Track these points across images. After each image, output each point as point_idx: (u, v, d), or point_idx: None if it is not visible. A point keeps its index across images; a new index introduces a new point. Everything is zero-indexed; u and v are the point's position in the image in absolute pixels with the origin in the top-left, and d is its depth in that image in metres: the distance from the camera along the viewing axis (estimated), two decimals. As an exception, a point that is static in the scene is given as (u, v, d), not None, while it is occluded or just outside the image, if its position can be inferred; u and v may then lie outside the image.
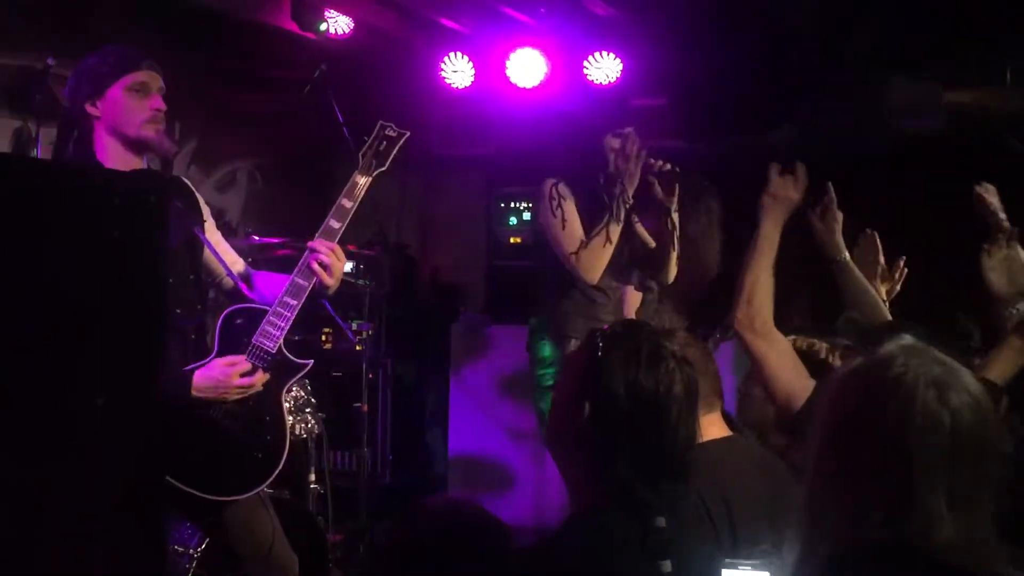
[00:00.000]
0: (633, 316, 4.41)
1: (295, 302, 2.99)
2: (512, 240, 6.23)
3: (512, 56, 5.86)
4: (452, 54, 6.04)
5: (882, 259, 3.47)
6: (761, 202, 2.92)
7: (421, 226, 6.97)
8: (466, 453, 5.99)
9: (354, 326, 5.00)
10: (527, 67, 5.87)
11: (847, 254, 3.15)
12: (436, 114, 6.64)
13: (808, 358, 3.19)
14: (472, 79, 6.08)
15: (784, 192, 2.92)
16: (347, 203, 3.11)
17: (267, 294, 3.12)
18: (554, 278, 3.89)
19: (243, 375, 2.93)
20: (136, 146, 2.92)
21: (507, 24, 5.79)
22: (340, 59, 5.53)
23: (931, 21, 4.99)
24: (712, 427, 2.43)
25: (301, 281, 3.00)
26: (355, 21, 5.66)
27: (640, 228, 3.90)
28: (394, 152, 3.25)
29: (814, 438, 1.51)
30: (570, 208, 3.82)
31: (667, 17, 5.57)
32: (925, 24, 4.99)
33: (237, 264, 3.22)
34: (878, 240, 3.47)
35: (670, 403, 1.83)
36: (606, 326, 2.04)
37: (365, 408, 4.94)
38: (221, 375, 2.90)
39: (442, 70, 6.07)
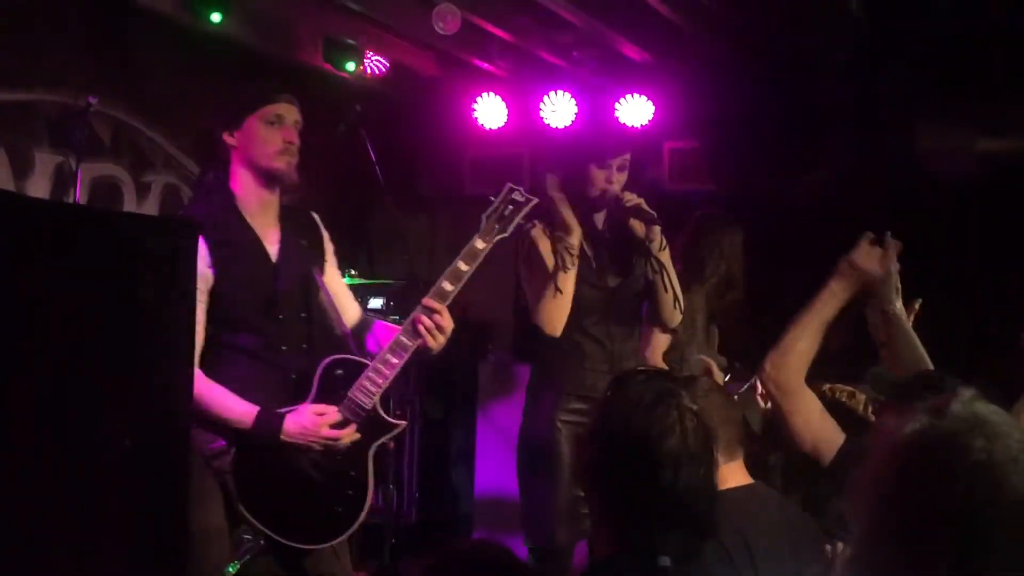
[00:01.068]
0: (658, 358, 4.37)
1: (397, 360, 2.92)
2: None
3: (545, 99, 5.92)
4: (485, 94, 6.11)
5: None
6: (839, 264, 2.79)
7: (450, 263, 7.00)
8: (493, 492, 5.97)
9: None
10: (559, 109, 5.92)
11: (900, 304, 2.98)
12: (468, 153, 6.70)
13: (840, 408, 3.16)
14: (505, 119, 6.14)
15: (867, 264, 2.79)
16: (463, 266, 3.00)
17: (382, 342, 3.04)
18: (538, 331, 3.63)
19: (332, 427, 2.87)
20: (266, 176, 2.93)
21: (540, 66, 5.84)
22: (375, 98, 5.61)
23: (964, 66, 4.99)
24: (734, 475, 2.41)
25: (405, 340, 2.92)
26: (390, 62, 5.74)
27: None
28: (518, 218, 3.09)
29: (866, 500, 1.45)
30: (538, 255, 3.58)
31: (699, 61, 5.60)
32: (958, 69, 4.99)
33: (351, 311, 3.17)
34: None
35: (665, 450, 1.83)
36: (636, 370, 2.06)
37: (391, 445, 4.94)
38: (310, 423, 2.85)
39: (475, 110, 6.14)
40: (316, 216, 3.18)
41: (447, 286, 2.97)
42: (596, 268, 3.63)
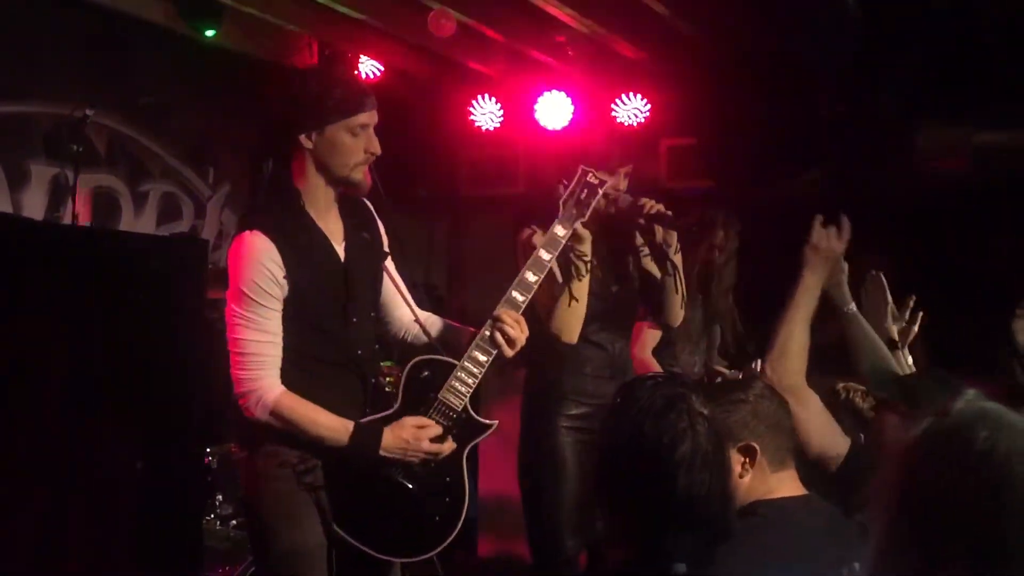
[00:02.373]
0: (648, 355, 4.38)
1: (485, 358, 2.81)
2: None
3: (540, 99, 5.92)
4: (480, 96, 6.11)
5: (890, 300, 3.39)
6: (803, 253, 2.85)
7: (449, 266, 7.00)
8: (496, 494, 5.97)
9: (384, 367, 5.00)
10: (554, 109, 5.92)
11: (854, 305, 3.04)
12: (464, 155, 6.69)
13: (850, 408, 3.16)
14: (500, 121, 6.14)
15: (826, 244, 2.85)
16: (545, 255, 2.90)
17: (447, 339, 2.98)
18: (541, 339, 3.50)
19: (433, 440, 2.77)
20: (340, 184, 2.78)
21: (535, 67, 5.84)
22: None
23: (961, 64, 4.98)
24: (785, 484, 2.37)
25: (486, 344, 2.81)
26: (385, 65, 5.73)
27: (649, 264, 3.70)
28: (595, 201, 2.98)
29: (880, 506, 1.46)
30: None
31: (695, 58, 5.59)
32: (955, 67, 4.99)
33: (401, 306, 3.04)
34: (884, 280, 3.36)
35: (677, 456, 1.83)
36: (646, 376, 2.05)
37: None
38: (412, 437, 2.73)
39: (471, 113, 6.13)
40: (369, 204, 2.97)
41: (530, 276, 2.87)
42: (600, 275, 3.61)
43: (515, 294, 2.86)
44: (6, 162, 4.45)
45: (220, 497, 3.72)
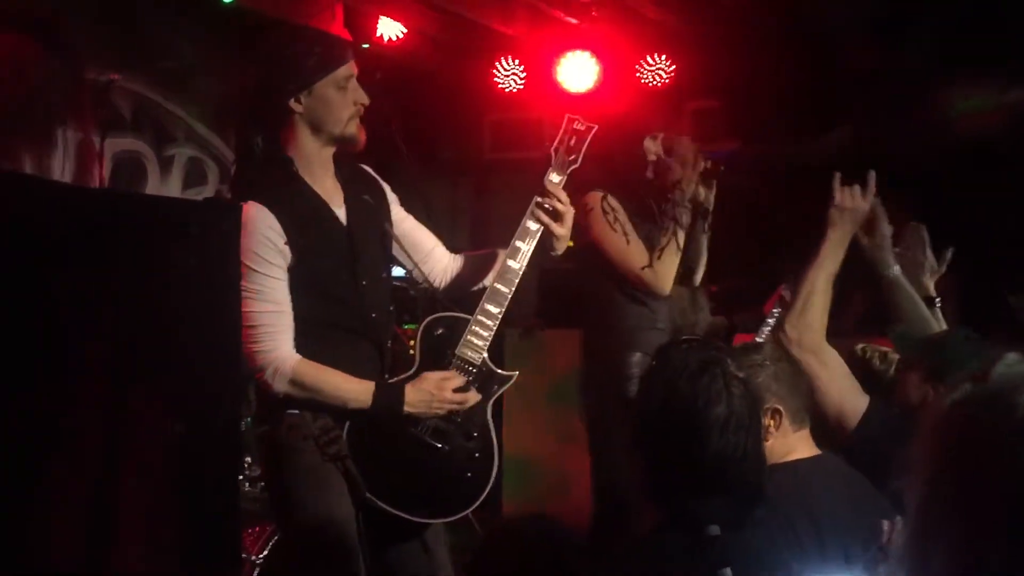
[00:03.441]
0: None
1: (497, 310, 2.81)
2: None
3: (563, 59, 5.87)
4: (503, 58, 6.07)
5: (930, 254, 3.38)
6: (828, 214, 2.83)
7: (473, 229, 6.99)
8: (521, 456, 6.00)
9: (409, 330, 5.02)
10: (578, 69, 5.87)
11: (897, 268, 3.04)
12: (488, 118, 6.67)
13: (868, 369, 3.14)
14: (523, 82, 6.10)
15: (851, 203, 2.83)
16: (555, 180, 2.90)
17: (475, 276, 3.01)
18: (613, 293, 3.75)
19: (456, 391, 2.76)
20: (339, 142, 2.75)
21: (558, 27, 5.79)
22: (392, 65, 5.58)
23: (992, 16, 4.90)
24: (800, 444, 2.39)
25: (501, 287, 2.81)
26: (407, 27, 5.70)
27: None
28: (584, 147, 2.97)
29: (918, 475, 1.40)
30: (626, 220, 3.70)
31: (719, 19, 5.53)
32: (985, 19, 4.90)
33: (436, 255, 3.03)
34: (925, 233, 3.35)
35: (711, 418, 1.83)
36: (681, 339, 2.06)
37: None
38: (435, 388, 2.72)
39: (494, 75, 6.10)
40: (367, 168, 2.98)
41: (532, 226, 2.87)
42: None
43: (518, 243, 2.85)
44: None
45: (248, 459, 3.76)
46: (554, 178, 2.92)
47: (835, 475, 2.40)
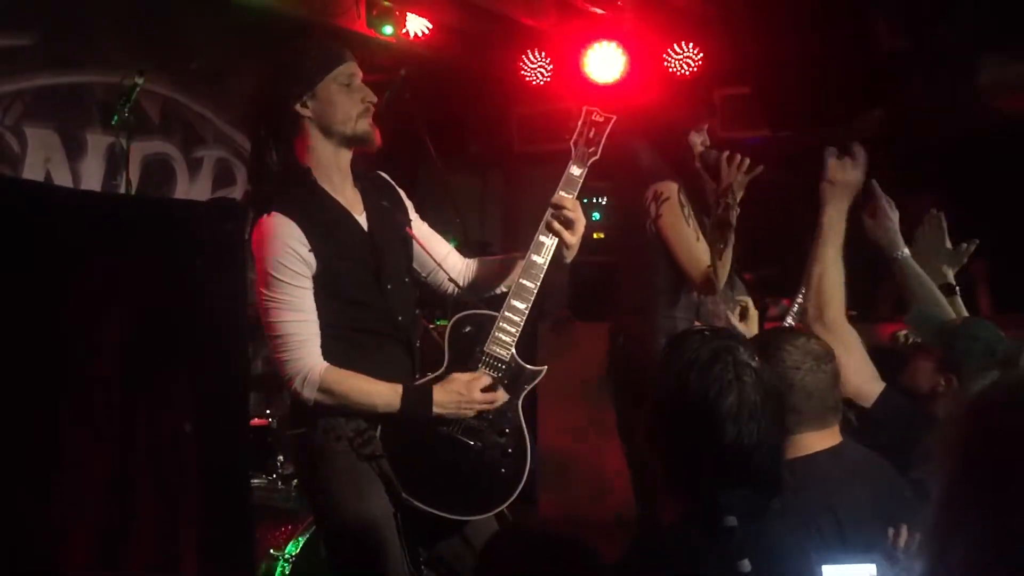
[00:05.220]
0: None
1: (523, 305, 2.82)
2: (595, 235, 6.17)
3: (589, 50, 5.84)
4: (530, 51, 6.04)
5: (948, 242, 3.32)
6: (820, 189, 2.82)
7: (503, 223, 6.98)
8: (555, 448, 5.98)
9: (439, 326, 5.01)
10: (605, 60, 5.83)
11: (906, 250, 3.02)
12: (515, 111, 6.65)
13: (896, 353, 3.10)
14: (551, 75, 6.07)
15: (842, 176, 2.81)
16: (565, 196, 2.87)
17: (490, 281, 3.02)
18: (664, 285, 3.80)
19: (484, 389, 2.76)
20: (351, 142, 2.75)
21: (584, 18, 5.76)
22: (419, 61, 5.57)
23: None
24: (823, 439, 2.35)
25: (527, 283, 2.82)
26: (433, 23, 5.69)
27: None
28: (603, 139, 2.95)
29: (944, 464, 1.38)
30: (694, 217, 3.76)
31: (746, 3, 5.47)
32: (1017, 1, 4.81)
33: (451, 260, 3.04)
34: (943, 221, 3.30)
35: (724, 408, 1.80)
36: (692, 330, 2.04)
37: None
38: (463, 389, 2.74)
39: (521, 68, 6.08)
40: (384, 175, 2.99)
41: (551, 220, 2.86)
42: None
43: (542, 238, 2.84)
44: (63, 132, 4.51)
45: (281, 458, 3.77)
46: (575, 171, 2.90)
47: (856, 464, 2.36)
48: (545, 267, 2.84)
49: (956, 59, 5.10)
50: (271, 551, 3.18)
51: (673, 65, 5.74)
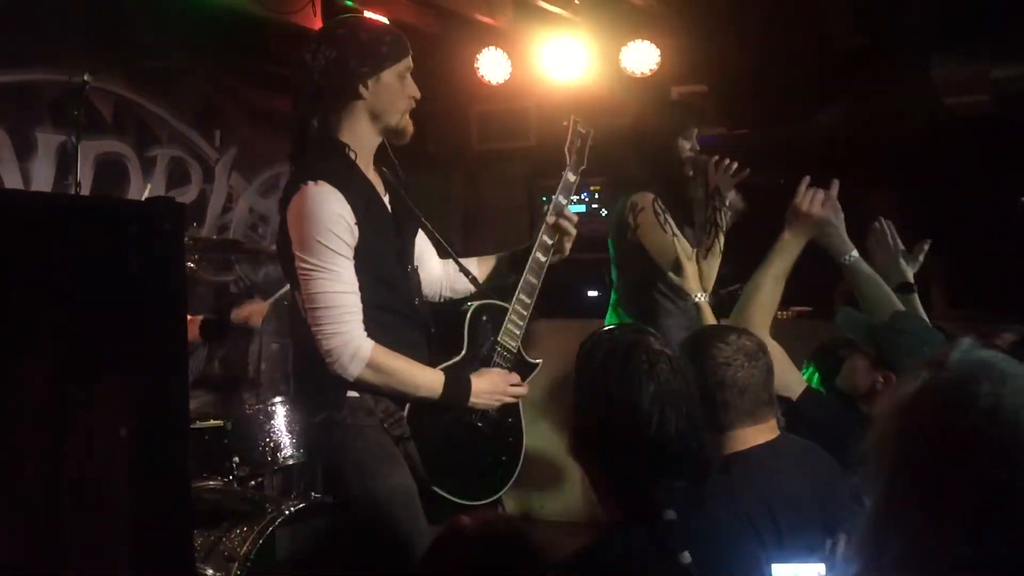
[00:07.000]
0: None
1: (529, 300, 2.94)
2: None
3: (547, 47, 5.83)
4: (487, 49, 6.03)
5: (900, 244, 3.36)
6: (787, 214, 2.91)
7: (464, 221, 6.96)
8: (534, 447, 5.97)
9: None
10: (563, 59, 5.82)
11: (854, 252, 3.05)
12: (475, 109, 6.62)
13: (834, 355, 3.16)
14: (509, 73, 6.06)
15: (811, 208, 2.89)
16: (563, 200, 3.04)
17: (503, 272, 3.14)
18: (651, 292, 3.94)
19: (514, 384, 2.88)
20: (392, 133, 2.79)
21: (541, 16, 5.75)
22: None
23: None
24: (759, 434, 2.37)
25: (533, 279, 2.96)
26: (389, 20, 5.65)
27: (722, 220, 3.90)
28: (587, 150, 3.15)
29: (878, 465, 1.37)
30: (674, 224, 3.85)
31: (703, 2, 5.49)
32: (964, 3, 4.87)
33: (431, 255, 3.12)
34: (887, 227, 3.37)
35: (646, 400, 1.82)
36: (603, 329, 2.07)
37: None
38: (501, 382, 2.84)
39: (478, 66, 6.06)
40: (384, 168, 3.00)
41: (550, 219, 3.02)
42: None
43: (546, 238, 2.99)
44: (12, 131, 4.43)
45: (236, 459, 3.73)
46: (571, 177, 3.07)
47: (792, 458, 2.37)
48: (547, 265, 2.98)
49: (910, 58, 5.16)
50: (225, 554, 3.15)
51: (631, 63, 5.74)
